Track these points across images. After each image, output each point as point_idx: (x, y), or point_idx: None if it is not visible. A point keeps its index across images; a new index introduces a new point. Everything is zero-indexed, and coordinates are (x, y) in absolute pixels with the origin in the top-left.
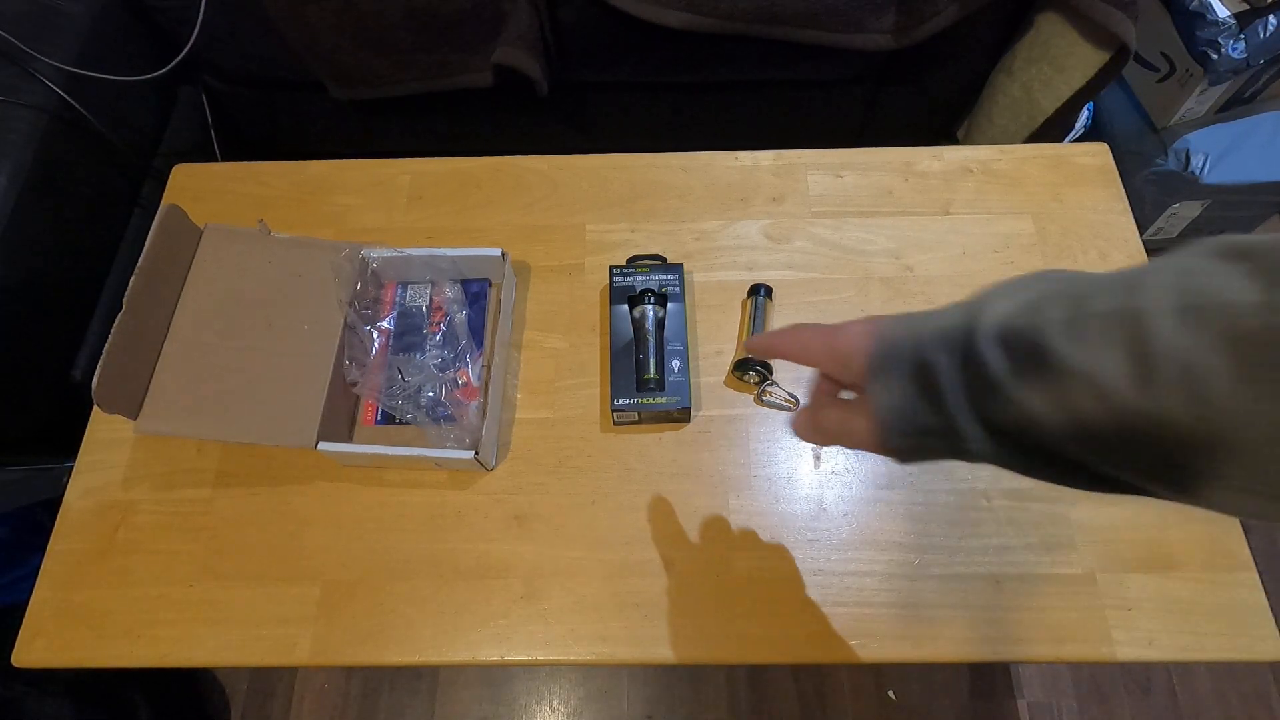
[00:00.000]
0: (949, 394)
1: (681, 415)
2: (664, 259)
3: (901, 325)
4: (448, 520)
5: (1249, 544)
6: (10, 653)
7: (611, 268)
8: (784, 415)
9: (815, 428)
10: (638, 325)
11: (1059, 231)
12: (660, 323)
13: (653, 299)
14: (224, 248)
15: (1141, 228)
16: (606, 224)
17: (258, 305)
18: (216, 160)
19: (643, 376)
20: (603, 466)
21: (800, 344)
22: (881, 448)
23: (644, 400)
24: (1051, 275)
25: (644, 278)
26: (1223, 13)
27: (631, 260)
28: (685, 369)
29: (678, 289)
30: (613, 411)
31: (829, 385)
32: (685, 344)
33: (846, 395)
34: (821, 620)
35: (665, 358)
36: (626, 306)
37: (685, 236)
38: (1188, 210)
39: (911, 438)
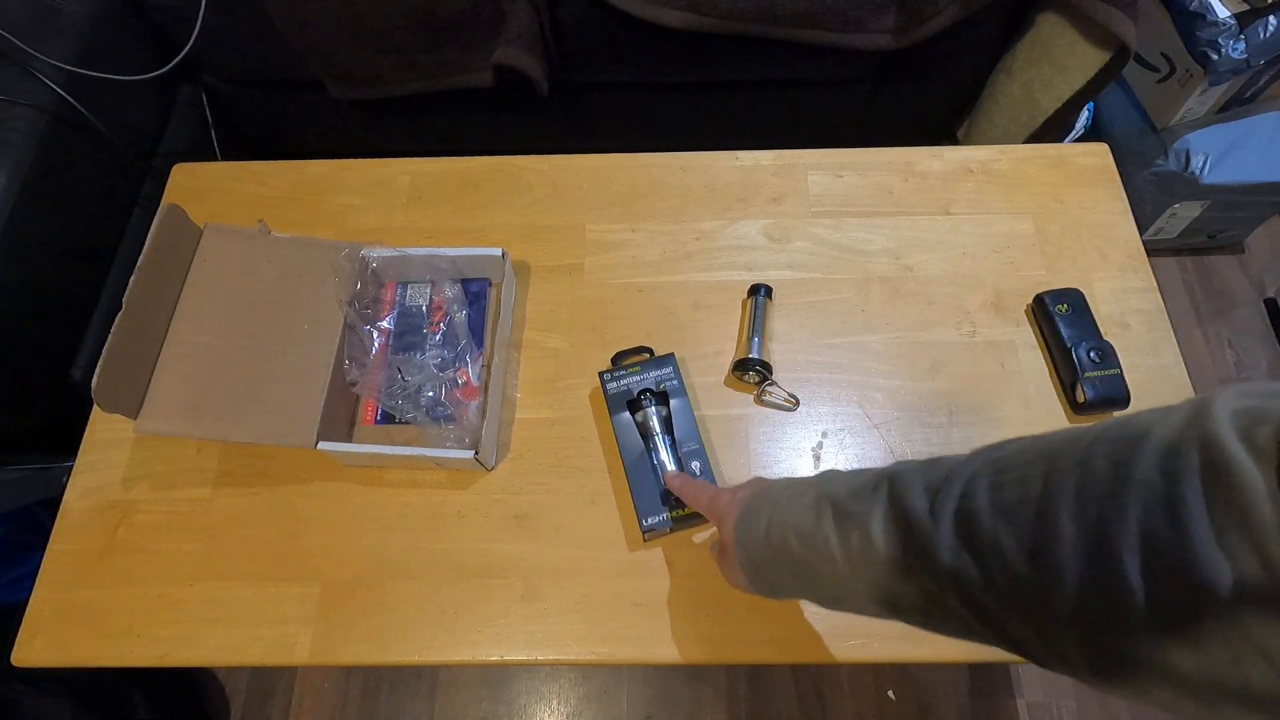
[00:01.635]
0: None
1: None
2: (651, 351)
3: (749, 513)
4: (448, 520)
5: None
6: (10, 652)
7: (601, 374)
8: (784, 415)
9: (716, 557)
10: (644, 431)
11: (1059, 232)
12: (667, 421)
13: (653, 399)
14: (224, 247)
15: (1141, 228)
16: (606, 224)
17: (258, 305)
18: (216, 160)
19: (665, 488)
20: (603, 466)
21: (693, 497)
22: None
23: (674, 514)
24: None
25: (637, 377)
26: (1223, 13)
27: (617, 360)
28: (709, 469)
29: (675, 381)
30: (643, 533)
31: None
32: (700, 441)
33: None
34: (821, 620)
35: (684, 460)
36: (628, 414)
37: (685, 236)
38: (1188, 210)
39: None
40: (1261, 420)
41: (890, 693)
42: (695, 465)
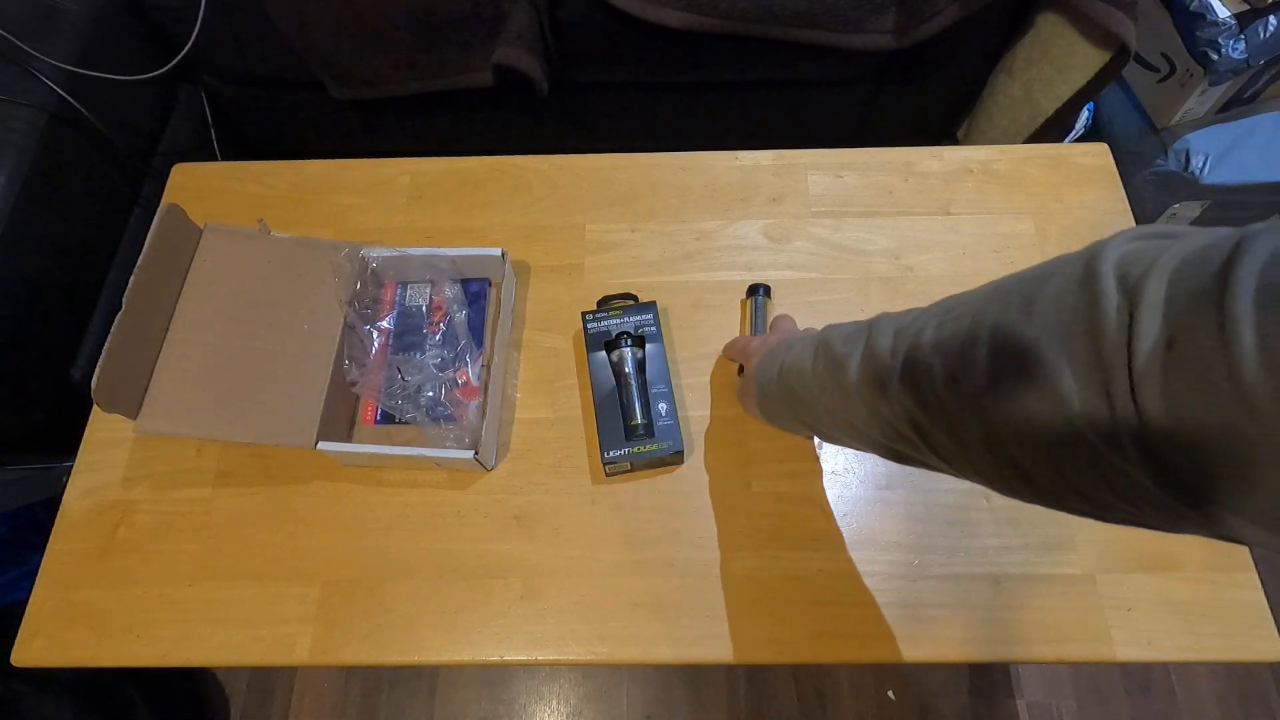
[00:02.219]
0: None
1: (675, 459)
2: (636, 298)
3: (771, 355)
4: (448, 520)
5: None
6: (10, 652)
7: (583, 314)
8: None
9: (738, 388)
10: (617, 370)
11: (1059, 232)
12: (640, 364)
13: (630, 341)
14: (224, 247)
15: None
16: (606, 224)
17: (258, 305)
18: (216, 160)
19: (629, 423)
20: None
21: (731, 345)
22: (752, 397)
23: (635, 450)
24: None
25: (618, 320)
26: (1223, 13)
27: (602, 303)
28: (673, 411)
29: (654, 328)
30: (604, 465)
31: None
32: (670, 385)
33: None
34: (821, 620)
35: (651, 401)
36: (604, 353)
37: (685, 236)
38: (1188, 210)
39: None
40: (1139, 260)
41: (890, 693)
42: (661, 407)
